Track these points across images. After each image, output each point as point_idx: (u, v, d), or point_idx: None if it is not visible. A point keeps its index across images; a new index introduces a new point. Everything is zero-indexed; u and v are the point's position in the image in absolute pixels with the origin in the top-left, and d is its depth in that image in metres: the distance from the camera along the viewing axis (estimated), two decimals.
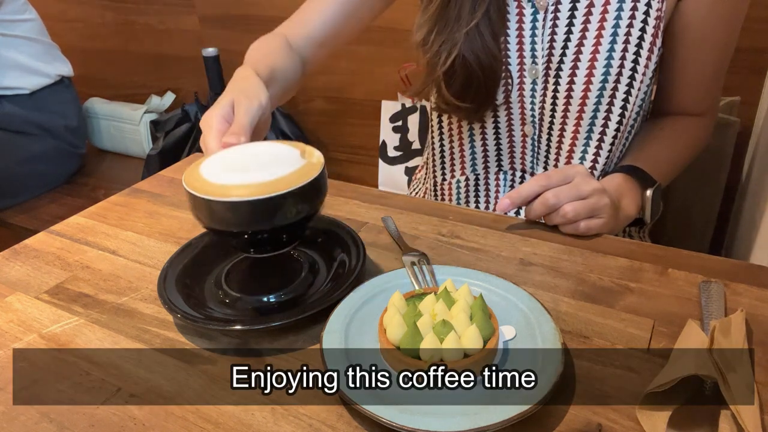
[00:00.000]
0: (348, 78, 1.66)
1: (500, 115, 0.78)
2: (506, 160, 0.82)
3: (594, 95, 0.71)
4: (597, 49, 0.69)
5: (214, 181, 0.49)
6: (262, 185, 0.48)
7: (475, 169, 0.84)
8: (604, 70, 0.70)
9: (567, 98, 0.73)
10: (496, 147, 0.81)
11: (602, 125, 0.73)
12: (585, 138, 0.75)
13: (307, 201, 0.50)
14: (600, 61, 0.70)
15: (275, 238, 0.53)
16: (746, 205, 1.02)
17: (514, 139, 0.80)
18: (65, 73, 1.68)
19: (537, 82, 0.75)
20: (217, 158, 0.53)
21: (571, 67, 0.71)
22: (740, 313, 0.48)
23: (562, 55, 0.71)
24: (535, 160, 0.80)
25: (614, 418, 0.42)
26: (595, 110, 0.72)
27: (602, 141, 0.74)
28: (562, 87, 0.73)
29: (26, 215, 1.55)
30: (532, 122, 0.77)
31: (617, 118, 0.73)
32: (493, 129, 0.80)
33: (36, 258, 0.65)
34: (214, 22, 1.80)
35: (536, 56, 0.73)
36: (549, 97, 0.74)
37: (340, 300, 0.51)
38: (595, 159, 0.76)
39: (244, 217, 0.49)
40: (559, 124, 0.75)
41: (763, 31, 1.10)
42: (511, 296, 0.51)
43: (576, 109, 0.73)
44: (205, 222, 0.51)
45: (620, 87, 0.71)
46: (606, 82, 0.70)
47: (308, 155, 0.53)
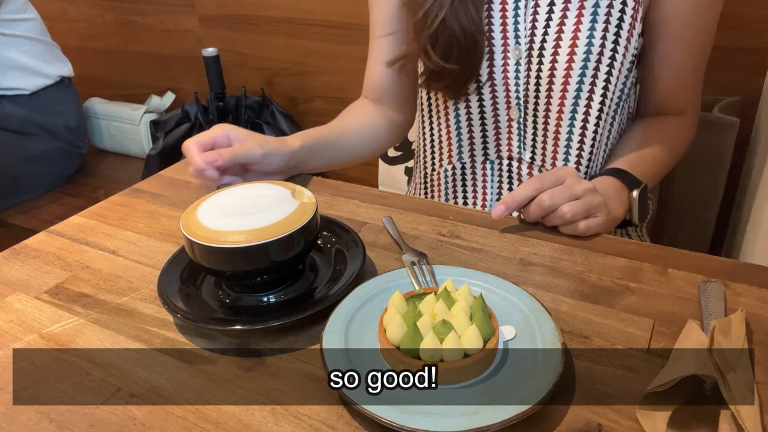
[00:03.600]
0: (348, 78, 1.66)
1: (485, 97, 0.79)
2: (492, 147, 0.82)
3: (576, 75, 0.73)
4: (578, 28, 0.71)
5: (213, 226, 0.51)
6: (262, 230, 0.50)
7: (461, 158, 0.84)
8: (586, 49, 0.71)
9: (550, 79, 0.74)
10: (482, 133, 0.82)
11: (585, 106, 0.74)
12: (569, 119, 0.76)
13: (302, 241, 0.53)
14: (581, 40, 0.71)
15: (273, 278, 0.56)
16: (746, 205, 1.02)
17: (500, 123, 0.80)
18: (66, 73, 1.68)
19: (521, 62, 0.76)
20: (213, 202, 0.56)
21: (553, 47, 0.73)
22: (740, 313, 0.48)
23: (544, 34, 0.73)
24: (522, 145, 0.81)
25: (614, 418, 0.42)
26: (578, 91, 0.74)
27: (587, 122, 0.75)
28: (545, 67, 0.74)
29: (26, 215, 1.55)
30: (518, 105, 0.78)
31: (600, 99, 0.74)
32: (478, 113, 0.80)
33: (36, 258, 0.65)
34: (214, 22, 1.80)
35: (519, 37, 0.75)
36: (533, 78, 0.75)
37: (340, 300, 0.51)
38: (582, 142, 0.77)
39: (245, 262, 0.52)
40: (544, 106, 0.76)
41: (763, 31, 1.10)
42: (511, 296, 0.51)
43: (559, 89, 0.74)
44: (205, 265, 0.53)
45: (601, 68, 0.72)
46: (588, 61, 0.72)
47: (298, 195, 0.56)
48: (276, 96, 1.78)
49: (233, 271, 0.54)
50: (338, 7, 1.57)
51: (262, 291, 0.56)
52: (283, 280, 0.57)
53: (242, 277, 0.55)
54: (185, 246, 0.53)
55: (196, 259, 0.52)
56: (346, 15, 1.57)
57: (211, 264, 0.52)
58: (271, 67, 1.77)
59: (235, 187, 0.58)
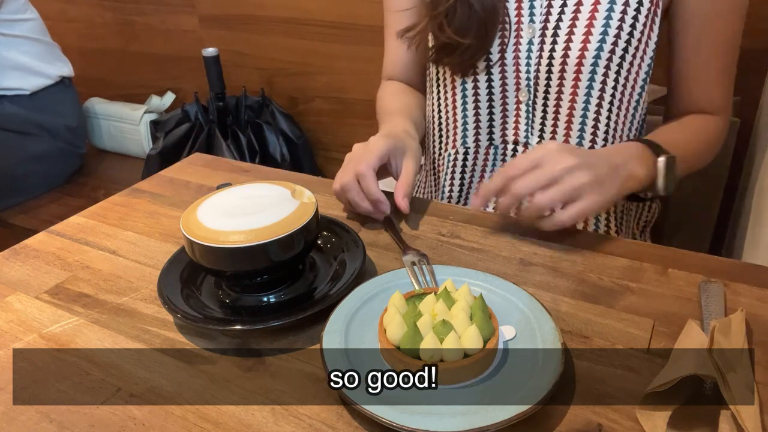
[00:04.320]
0: (348, 78, 1.66)
1: (494, 77, 0.77)
2: (498, 130, 0.81)
3: (591, 57, 0.71)
4: (596, 8, 0.69)
5: (213, 226, 0.51)
6: (262, 230, 0.51)
7: (466, 142, 0.82)
8: (602, 30, 0.69)
9: (563, 60, 0.72)
10: (489, 115, 0.80)
11: (600, 90, 0.72)
12: (583, 104, 0.74)
13: (302, 241, 0.53)
14: (598, 21, 0.69)
15: (273, 278, 0.56)
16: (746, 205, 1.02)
17: (508, 105, 0.79)
18: (66, 73, 1.68)
19: (533, 42, 0.74)
20: (213, 202, 0.56)
21: (569, 28, 0.71)
22: (740, 313, 0.48)
23: (561, 13, 0.72)
24: (530, 129, 0.79)
25: (614, 418, 0.42)
26: (592, 74, 0.72)
27: (600, 107, 0.73)
28: (558, 48, 0.72)
29: (26, 215, 1.55)
30: (527, 87, 0.76)
31: (612, 83, 0.72)
32: (486, 92, 0.79)
33: (36, 258, 0.65)
34: (214, 22, 1.80)
35: (534, 14, 0.74)
36: (545, 59, 0.74)
37: (340, 300, 0.51)
38: (595, 127, 0.75)
39: (244, 262, 0.52)
40: (556, 89, 0.75)
41: (763, 31, 1.10)
42: (511, 296, 0.51)
43: (572, 72, 0.72)
44: (205, 265, 0.53)
45: (617, 51, 0.70)
46: (604, 42, 0.70)
47: (298, 195, 0.56)
48: (276, 96, 1.78)
49: (233, 271, 0.54)
50: (338, 7, 1.57)
51: (262, 291, 0.56)
52: (283, 280, 0.57)
53: (242, 277, 0.55)
54: (185, 246, 0.53)
55: (196, 259, 0.52)
56: (346, 15, 1.57)
57: (211, 264, 0.52)
58: (271, 67, 1.77)
59: (235, 187, 0.58)
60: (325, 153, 1.79)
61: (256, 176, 0.81)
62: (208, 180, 0.80)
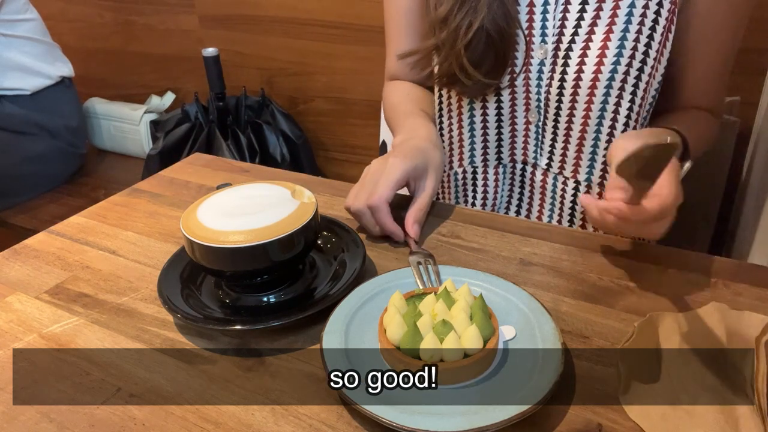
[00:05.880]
0: (348, 78, 1.66)
1: (504, 99, 0.76)
2: (506, 150, 0.79)
3: (605, 79, 0.69)
4: (611, 29, 0.67)
5: (213, 227, 0.51)
6: (262, 230, 0.51)
7: (473, 161, 0.81)
8: (617, 51, 0.67)
9: (576, 83, 0.70)
10: (497, 135, 0.78)
11: (613, 112, 0.71)
12: (596, 126, 0.72)
13: (302, 241, 0.53)
14: (613, 42, 0.67)
15: (273, 278, 0.56)
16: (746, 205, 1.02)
17: (517, 126, 0.77)
18: (66, 73, 1.68)
19: (545, 63, 0.72)
20: (213, 202, 0.56)
21: (582, 49, 0.69)
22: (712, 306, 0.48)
23: (574, 35, 0.69)
24: (539, 150, 0.77)
25: (614, 418, 0.42)
26: (606, 96, 0.70)
27: (614, 129, 0.72)
28: (570, 70, 0.70)
29: (26, 215, 1.55)
30: (537, 108, 0.75)
31: (627, 105, 0.70)
32: (495, 116, 0.77)
33: (36, 258, 0.65)
34: (214, 22, 1.80)
35: (546, 34, 0.71)
36: (556, 80, 0.72)
37: (340, 300, 0.51)
38: (609, 146, 0.72)
39: (245, 262, 0.52)
40: (567, 110, 0.73)
41: (763, 31, 1.10)
42: (511, 296, 0.51)
43: (586, 93, 0.70)
44: (205, 265, 0.53)
45: (631, 72, 0.68)
46: (618, 64, 0.68)
47: (298, 195, 0.56)
48: (276, 96, 1.78)
49: (233, 271, 0.54)
50: (338, 7, 1.57)
51: (262, 291, 0.56)
52: (283, 280, 0.57)
53: (242, 277, 0.55)
54: (185, 246, 0.53)
55: (196, 259, 0.52)
56: (346, 15, 1.57)
57: (211, 264, 0.53)
58: (271, 67, 1.77)
59: (235, 187, 0.58)
60: (325, 153, 1.79)
61: (256, 176, 0.81)
62: (208, 180, 0.80)
